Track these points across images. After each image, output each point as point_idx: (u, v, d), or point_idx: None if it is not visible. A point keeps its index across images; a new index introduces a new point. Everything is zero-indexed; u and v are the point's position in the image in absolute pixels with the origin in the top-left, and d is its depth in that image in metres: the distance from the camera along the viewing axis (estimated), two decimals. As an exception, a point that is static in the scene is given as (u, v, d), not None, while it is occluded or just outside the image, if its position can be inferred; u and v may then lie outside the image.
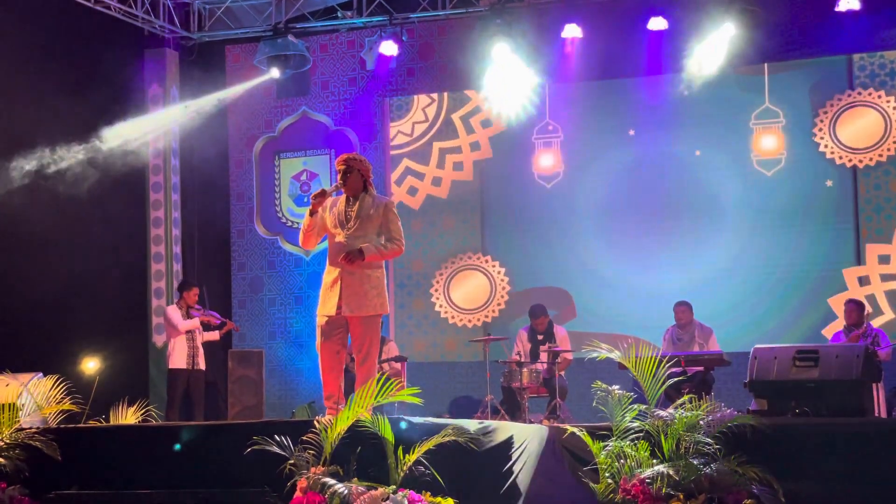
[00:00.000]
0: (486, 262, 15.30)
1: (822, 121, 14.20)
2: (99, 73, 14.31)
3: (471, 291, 15.36)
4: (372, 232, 8.27)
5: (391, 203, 8.45)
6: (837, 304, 13.54)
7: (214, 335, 13.78)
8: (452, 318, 15.38)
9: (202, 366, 13.46)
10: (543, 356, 12.82)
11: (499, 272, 15.22)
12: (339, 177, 8.37)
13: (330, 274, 8.32)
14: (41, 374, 9.98)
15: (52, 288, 13.84)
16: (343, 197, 8.40)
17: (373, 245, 8.22)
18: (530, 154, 15.21)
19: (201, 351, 13.42)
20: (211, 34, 15.99)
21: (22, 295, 13.54)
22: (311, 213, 8.33)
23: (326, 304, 8.28)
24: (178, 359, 13.25)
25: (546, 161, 15.14)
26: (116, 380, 12.88)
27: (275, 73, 15.16)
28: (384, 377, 7.39)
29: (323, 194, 8.33)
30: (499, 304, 15.23)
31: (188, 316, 13.34)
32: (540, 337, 13.23)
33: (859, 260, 13.97)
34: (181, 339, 13.28)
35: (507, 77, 14.74)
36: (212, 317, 13.57)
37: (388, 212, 8.34)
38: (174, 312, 13.31)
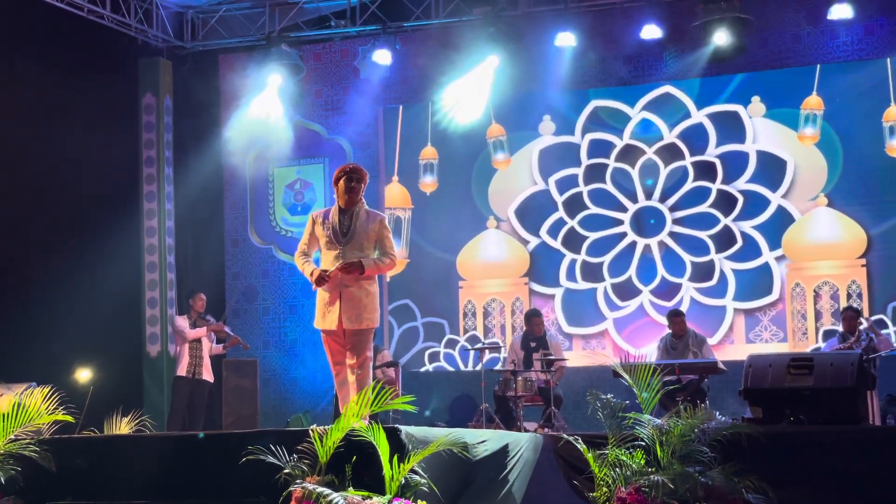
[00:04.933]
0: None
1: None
2: (92, 83, 14.30)
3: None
4: (368, 246, 8.27)
5: (384, 218, 8.47)
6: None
7: (220, 349, 13.81)
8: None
9: (206, 377, 13.45)
10: (537, 364, 12.80)
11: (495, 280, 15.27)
12: (352, 183, 8.27)
13: (328, 288, 8.29)
14: (35, 384, 9.95)
15: (45, 297, 13.83)
16: (335, 208, 8.37)
17: (371, 259, 8.23)
18: (529, 159, 15.24)
19: (206, 362, 13.44)
20: (204, 43, 15.99)
21: (16, 305, 13.52)
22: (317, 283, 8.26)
23: (326, 319, 8.26)
24: (181, 368, 13.32)
25: (548, 166, 15.19)
26: (111, 390, 12.86)
27: (273, 82, 15.19)
28: (379, 385, 7.39)
29: (323, 279, 8.25)
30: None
31: (195, 326, 13.37)
32: (533, 344, 13.22)
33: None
34: (185, 348, 13.34)
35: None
36: (221, 328, 13.60)
37: (383, 227, 8.35)
38: (182, 321, 13.41)
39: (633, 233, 14.77)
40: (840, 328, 12.88)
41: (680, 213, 14.63)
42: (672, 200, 14.67)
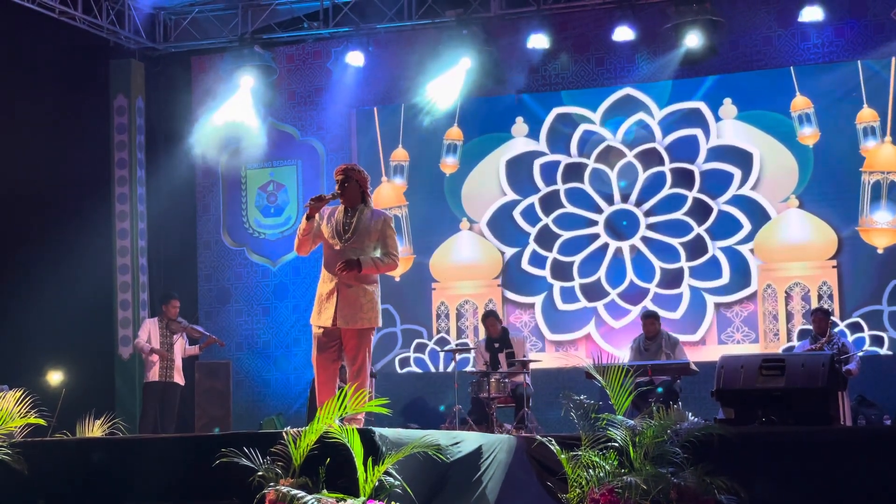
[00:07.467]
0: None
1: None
2: (64, 84, 14.24)
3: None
4: (369, 245, 8.28)
5: (389, 218, 8.45)
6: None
7: (195, 350, 13.70)
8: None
9: (177, 379, 13.35)
10: (504, 365, 12.84)
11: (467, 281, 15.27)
12: (336, 186, 8.37)
13: (326, 284, 8.31)
14: (7, 387, 9.91)
15: (16, 299, 13.76)
16: (341, 207, 8.40)
17: (370, 258, 8.24)
18: (499, 161, 15.25)
19: (178, 364, 13.32)
20: (177, 45, 15.94)
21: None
22: (308, 218, 8.31)
23: (322, 316, 8.28)
24: (152, 372, 13.20)
25: (527, 169, 15.20)
26: (83, 392, 12.81)
27: (246, 84, 15.17)
28: (352, 388, 7.39)
29: (320, 199, 8.30)
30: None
31: (167, 329, 13.26)
32: (496, 345, 13.22)
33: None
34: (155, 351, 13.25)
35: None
36: (193, 330, 13.50)
37: (386, 226, 8.36)
38: (143, 330, 13.30)
39: (607, 237, 14.80)
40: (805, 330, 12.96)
41: (654, 219, 14.68)
42: (647, 205, 14.73)
